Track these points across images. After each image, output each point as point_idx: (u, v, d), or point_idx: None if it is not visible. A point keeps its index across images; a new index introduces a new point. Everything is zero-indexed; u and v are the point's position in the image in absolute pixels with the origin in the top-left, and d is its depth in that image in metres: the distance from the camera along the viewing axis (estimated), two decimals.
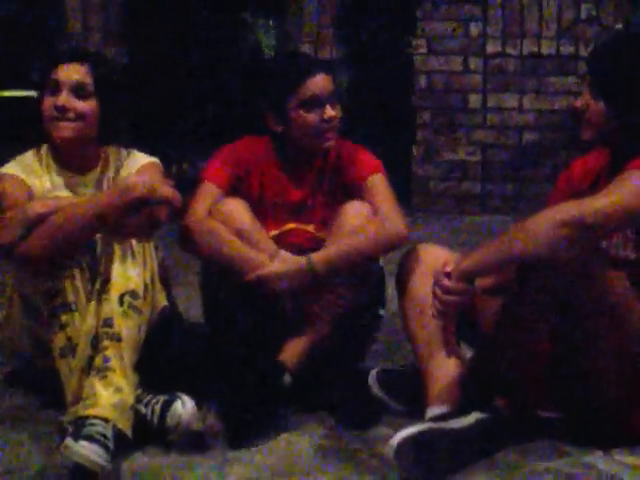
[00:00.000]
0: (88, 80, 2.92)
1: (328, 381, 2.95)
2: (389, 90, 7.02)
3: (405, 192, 6.45)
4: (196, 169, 6.76)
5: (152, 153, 3.15)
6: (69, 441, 2.47)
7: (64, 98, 2.90)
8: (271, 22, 8.88)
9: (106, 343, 2.62)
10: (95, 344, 2.64)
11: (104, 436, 2.48)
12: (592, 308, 2.49)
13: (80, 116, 2.92)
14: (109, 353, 2.62)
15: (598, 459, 2.59)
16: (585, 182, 2.80)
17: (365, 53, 7.23)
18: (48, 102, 2.91)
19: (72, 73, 2.92)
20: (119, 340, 2.63)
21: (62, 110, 2.90)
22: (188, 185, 3.09)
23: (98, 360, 2.62)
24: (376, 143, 5.66)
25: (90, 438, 2.46)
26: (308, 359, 2.91)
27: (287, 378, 2.85)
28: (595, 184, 2.74)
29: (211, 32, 8.35)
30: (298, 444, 2.71)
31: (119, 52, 6.64)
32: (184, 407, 2.63)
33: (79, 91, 2.91)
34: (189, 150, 7.37)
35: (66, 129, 2.92)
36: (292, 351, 2.90)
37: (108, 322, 2.64)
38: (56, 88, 2.91)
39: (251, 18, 8.83)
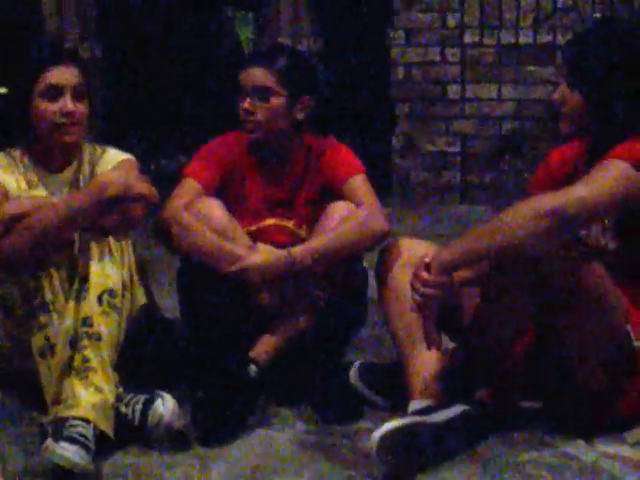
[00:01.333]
0: (83, 81, 2.91)
1: (308, 375, 2.94)
2: (367, 82, 7.01)
3: (385, 183, 6.44)
4: (174, 164, 6.74)
5: (129, 148, 3.13)
6: (49, 442, 2.46)
7: (70, 103, 2.88)
8: (251, 15, 8.84)
9: (85, 342, 2.61)
10: (74, 344, 2.62)
11: (85, 437, 2.47)
12: (570, 297, 2.50)
13: (82, 119, 2.91)
14: (88, 353, 2.60)
15: (580, 449, 2.59)
16: (563, 171, 2.80)
17: (343, 45, 7.22)
18: (51, 107, 2.86)
19: (70, 76, 2.89)
20: (99, 339, 2.62)
21: (70, 115, 2.88)
22: (166, 181, 3.08)
23: (77, 360, 2.60)
24: (355, 135, 5.66)
25: (71, 439, 2.45)
26: (283, 353, 2.90)
27: (253, 369, 2.84)
28: (573, 173, 2.74)
29: (190, 25, 8.31)
30: (279, 440, 2.70)
31: (95, 46, 6.61)
32: (165, 406, 2.62)
33: (78, 94, 2.90)
34: (167, 146, 7.35)
35: (74, 133, 2.91)
36: (264, 345, 2.90)
37: (87, 321, 2.63)
38: (56, 92, 2.87)
39: (232, 11, 8.80)
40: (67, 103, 2.87)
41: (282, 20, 6.66)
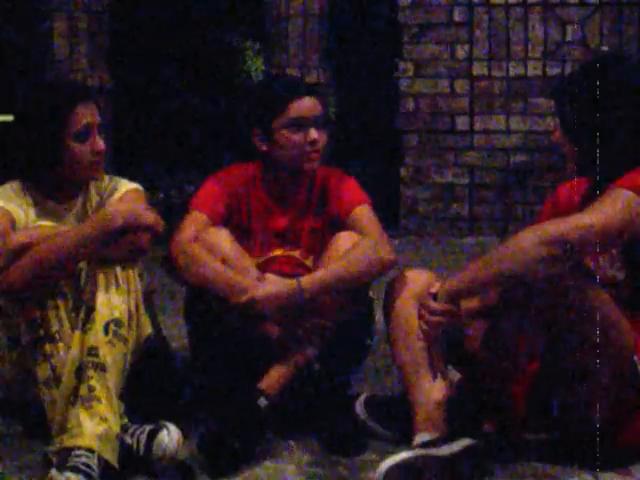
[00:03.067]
0: (100, 116, 2.93)
1: (315, 407, 2.93)
2: (376, 113, 7.03)
3: (393, 215, 6.45)
4: (183, 195, 6.75)
5: (139, 179, 3.14)
6: (53, 472, 2.45)
7: (101, 141, 2.90)
8: (258, 45, 8.88)
9: (91, 372, 2.60)
10: (80, 374, 2.62)
11: (89, 467, 2.46)
12: (578, 327, 2.49)
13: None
14: (94, 382, 2.60)
15: None
16: (570, 206, 2.80)
17: (352, 77, 7.25)
18: (84, 147, 2.86)
19: (94, 114, 2.89)
20: (104, 369, 2.61)
21: (102, 152, 2.90)
22: (175, 211, 3.08)
23: (83, 390, 2.60)
24: (364, 166, 5.67)
25: (75, 469, 2.44)
26: (292, 385, 2.89)
27: (263, 402, 2.83)
28: (581, 207, 2.74)
29: (198, 56, 8.35)
30: (285, 471, 2.69)
31: (105, 78, 6.64)
32: (170, 436, 2.61)
33: (99, 129, 2.91)
34: (176, 176, 7.36)
35: (101, 169, 2.94)
36: (274, 376, 2.88)
37: (93, 351, 2.62)
38: (87, 132, 2.87)
39: (237, 42, 8.84)
40: (99, 142, 2.89)
41: (291, 50, 6.69)
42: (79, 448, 2.51)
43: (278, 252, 3.10)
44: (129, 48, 7.60)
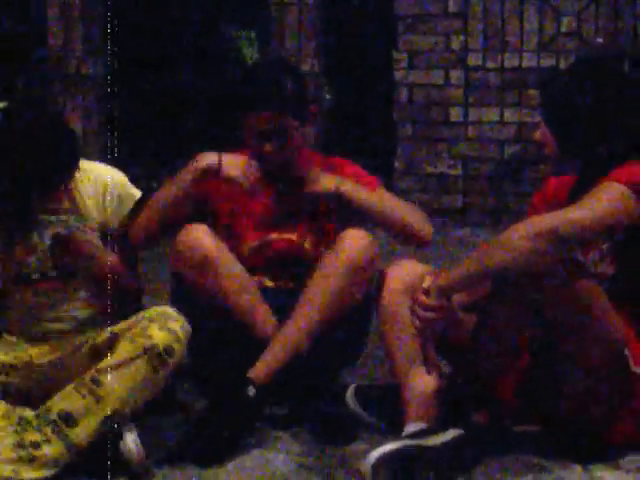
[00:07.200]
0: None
1: (305, 397, 2.93)
2: (370, 103, 7.03)
3: None
4: None
5: (134, 168, 3.13)
6: None
7: None
8: (253, 35, 8.86)
9: None
10: None
11: None
12: (568, 320, 2.49)
13: None
14: None
15: (576, 474, 2.58)
16: (558, 199, 2.80)
17: (347, 66, 7.24)
18: None
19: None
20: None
21: None
22: None
23: None
24: (357, 156, 5.66)
25: None
26: (282, 374, 2.88)
27: (251, 390, 2.81)
28: (569, 200, 2.74)
29: (193, 44, 8.33)
30: (274, 461, 2.69)
31: (99, 64, 6.63)
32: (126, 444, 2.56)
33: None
34: (170, 165, 7.35)
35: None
36: (263, 365, 2.86)
37: None
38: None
39: (232, 31, 8.81)
40: None
41: (286, 40, 6.68)
42: None
43: (274, 236, 3.09)
44: (123, 35, 7.57)
